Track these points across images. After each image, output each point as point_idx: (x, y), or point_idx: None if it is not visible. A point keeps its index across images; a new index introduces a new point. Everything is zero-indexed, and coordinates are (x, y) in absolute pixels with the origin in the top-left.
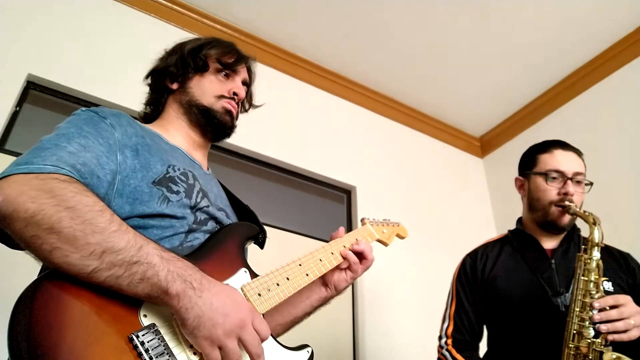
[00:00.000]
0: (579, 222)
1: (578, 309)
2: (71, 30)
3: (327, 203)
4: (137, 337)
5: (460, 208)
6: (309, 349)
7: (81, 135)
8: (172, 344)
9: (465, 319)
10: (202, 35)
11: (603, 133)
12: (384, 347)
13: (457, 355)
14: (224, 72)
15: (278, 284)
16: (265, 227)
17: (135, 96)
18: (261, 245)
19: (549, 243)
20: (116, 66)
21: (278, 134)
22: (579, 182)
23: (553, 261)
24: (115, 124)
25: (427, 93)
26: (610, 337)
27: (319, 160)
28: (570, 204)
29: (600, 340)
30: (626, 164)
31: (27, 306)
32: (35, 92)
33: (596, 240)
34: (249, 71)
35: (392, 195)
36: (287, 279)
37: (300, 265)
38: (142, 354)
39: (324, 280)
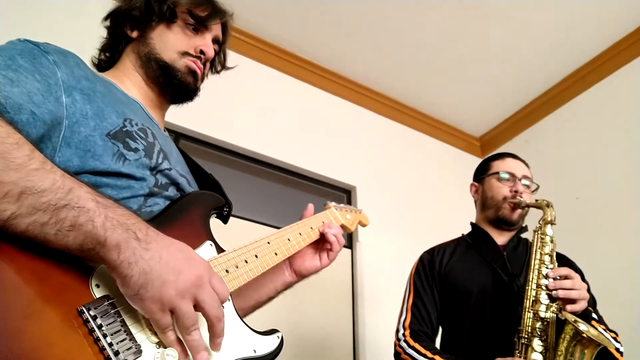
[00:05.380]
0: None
1: (535, 278)
2: (71, 30)
3: None
4: (89, 309)
5: (461, 208)
6: (279, 334)
7: (9, 68)
8: (129, 320)
9: (423, 310)
10: None
11: (603, 133)
12: (384, 346)
13: (415, 344)
14: (193, 26)
15: (246, 261)
16: (266, 227)
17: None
18: (225, 219)
19: (500, 239)
20: None
21: (278, 134)
22: (527, 186)
23: (505, 253)
24: (59, 62)
25: (427, 93)
26: (569, 308)
27: (319, 160)
28: (521, 199)
29: (556, 306)
30: (626, 164)
31: None
32: None
33: (549, 218)
34: (224, 28)
35: (392, 195)
36: (256, 256)
37: (268, 243)
38: (94, 330)
39: (289, 263)
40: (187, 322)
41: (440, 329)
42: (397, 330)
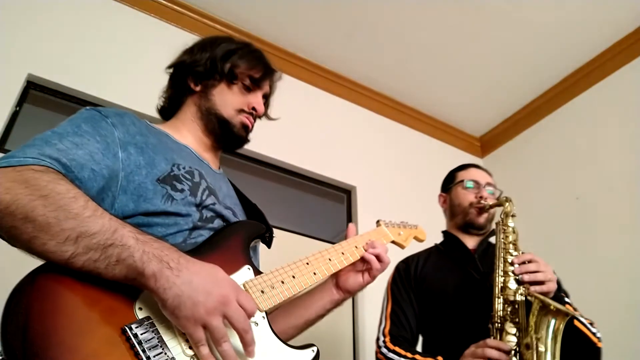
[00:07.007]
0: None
1: (502, 266)
2: (71, 30)
3: (327, 203)
4: (130, 329)
5: None
6: (314, 348)
7: (76, 134)
8: (166, 337)
9: (402, 317)
10: (205, 36)
11: (603, 133)
12: None
13: (395, 347)
14: (248, 86)
15: (283, 282)
16: None
17: (136, 96)
18: (268, 244)
19: (471, 243)
20: (116, 66)
21: (278, 134)
22: (491, 193)
23: (476, 255)
24: (117, 123)
25: (427, 93)
26: (533, 289)
27: (319, 160)
28: (485, 203)
29: (524, 289)
30: (626, 164)
31: (20, 299)
32: (35, 92)
33: (509, 211)
34: (271, 82)
35: (392, 195)
36: (293, 277)
37: (307, 263)
38: (134, 346)
39: (336, 281)
40: (217, 335)
41: (421, 338)
42: (378, 339)
